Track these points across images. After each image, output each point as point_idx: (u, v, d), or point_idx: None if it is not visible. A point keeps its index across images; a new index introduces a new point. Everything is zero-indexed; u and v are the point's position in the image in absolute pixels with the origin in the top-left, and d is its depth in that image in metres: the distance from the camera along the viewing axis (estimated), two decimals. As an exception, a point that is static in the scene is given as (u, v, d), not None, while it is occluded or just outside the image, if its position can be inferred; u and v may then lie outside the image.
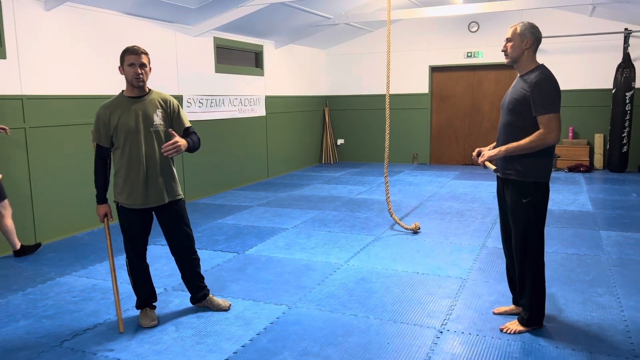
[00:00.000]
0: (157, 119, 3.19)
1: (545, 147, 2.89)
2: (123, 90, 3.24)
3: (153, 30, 6.50)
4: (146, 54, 3.14)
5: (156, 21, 6.53)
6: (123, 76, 3.17)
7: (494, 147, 3.12)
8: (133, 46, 3.13)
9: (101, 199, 3.23)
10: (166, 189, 3.23)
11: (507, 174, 3.03)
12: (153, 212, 3.29)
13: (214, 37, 7.62)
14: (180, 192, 3.36)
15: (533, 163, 2.93)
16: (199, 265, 3.47)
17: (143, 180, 3.15)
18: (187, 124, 3.32)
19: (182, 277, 3.48)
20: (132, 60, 3.09)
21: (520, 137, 2.91)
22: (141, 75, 3.11)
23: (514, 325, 3.11)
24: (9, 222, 4.62)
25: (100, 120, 3.15)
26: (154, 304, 3.43)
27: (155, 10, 6.24)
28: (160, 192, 3.20)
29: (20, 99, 4.94)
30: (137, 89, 3.18)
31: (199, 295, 3.48)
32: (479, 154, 3.16)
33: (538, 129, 2.88)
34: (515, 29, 2.99)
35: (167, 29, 6.74)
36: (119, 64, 3.19)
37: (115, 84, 5.91)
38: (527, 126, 2.91)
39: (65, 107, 5.38)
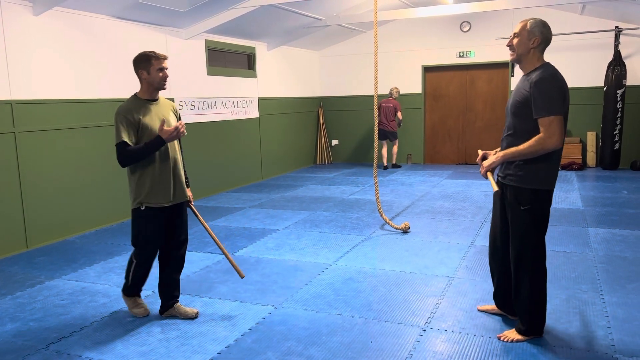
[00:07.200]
0: (173, 121, 3.35)
1: (546, 152, 2.70)
2: (136, 94, 3.29)
3: (143, 34, 6.53)
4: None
5: (146, 24, 6.56)
6: (142, 77, 3.25)
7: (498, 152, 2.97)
8: (155, 52, 3.24)
9: (158, 139, 3.12)
10: (185, 187, 3.40)
11: (507, 178, 2.88)
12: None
13: (206, 40, 7.65)
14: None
15: (534, 168, 2.76)
16: (183, 268, 3.51)
17: (172, 179, 3.27)
18: (185, 133, 3.47)
19: (161, 282, 3.44)
20: (162, 65, 3.23)
21: (525, 142, 2.74)
22: (167, 78, 3.29)
23: (511, 334, 2.98)
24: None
25: (124, 120, 3.14)
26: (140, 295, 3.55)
27: (144, 14, 6.26)
28: (183, 190, 3.36)
29: (10, 103, 4.96)
30: (156, 91, 3.30)
31: (170, 303, 3.44)
32: (484, 158, 3.03)
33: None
34: (525, 24, 2.84)
35: (158, 32, 6.77)
36: (137, 69, 3.24)
37: (105, 88, 5.95)
38: (531, 130, 2.74)
39: (55, 111, 5.40)
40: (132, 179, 3.25)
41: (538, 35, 2.82)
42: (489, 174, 2.93)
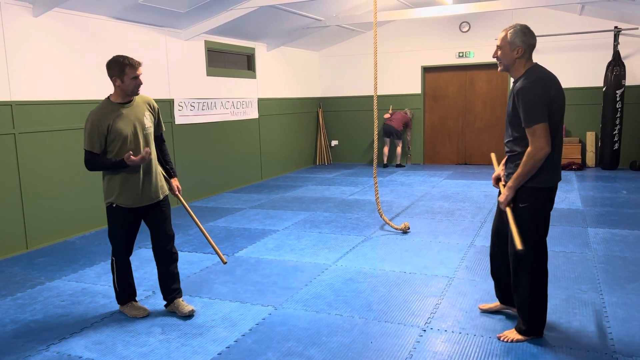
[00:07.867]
0: (147, 122, 3.35)
1: (542, 161, 2.72)
2: (109, 97, 3.31)
3: (143, 35, 6.53)
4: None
5: (146, 25, 6.56)
6: (115, 84, 3.25)
7: (505, 162, 3.00)
8: (131, 59, 3.22)
9: (123, 163, 3.16)
10: (160, 187, 3.40)
11: (508, 177, 2.89)
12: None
13: (205, 41, 7.66)
14: (167, 190, 3.51)
15: None
16: (176, 261, 3.54)
17: (141, 181, 3.29)
18: (163, 129, 3.60)
19: (159, 276, 3.54)
20: (137, 73, 3.22)
21: (524, 147, 2.78)
22: (141, 85, 3.28)
23: (512, 334, 2.98)
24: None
25: (93, 127, 3.19)
26: (136, 299, 3.60)
27: (144, 15, 6.27)
28: (155, 191, 3.37)
29: (10, 104, 4.96)
30: (129, 97, 3.30)
31: (170, 297, 3.52)
32: (497, 179, 3.08)
33: None
34: (506, 35, 2.81)
35: (157, 33, 6.77)
36: (110, 75, 3.24)
37: (105, 89, 5.95)
38: (527, 137, 2.75)
39: (54, 112, 5.41)
40: (104, 180, 3.36)
41: (520, 45, 2.79)
42: (508, 209, 2.88)
